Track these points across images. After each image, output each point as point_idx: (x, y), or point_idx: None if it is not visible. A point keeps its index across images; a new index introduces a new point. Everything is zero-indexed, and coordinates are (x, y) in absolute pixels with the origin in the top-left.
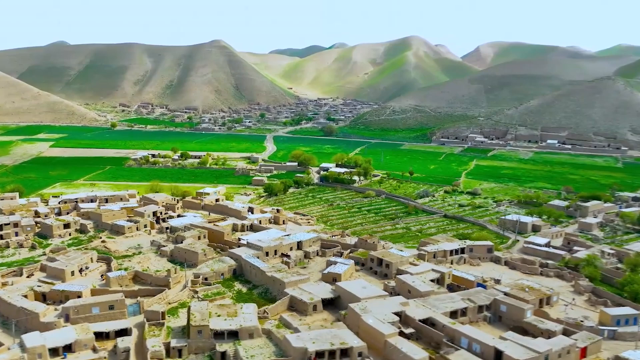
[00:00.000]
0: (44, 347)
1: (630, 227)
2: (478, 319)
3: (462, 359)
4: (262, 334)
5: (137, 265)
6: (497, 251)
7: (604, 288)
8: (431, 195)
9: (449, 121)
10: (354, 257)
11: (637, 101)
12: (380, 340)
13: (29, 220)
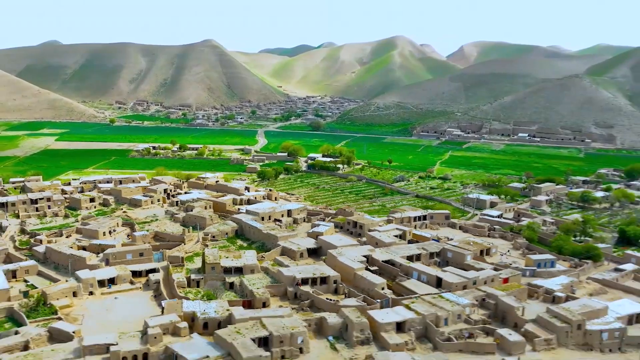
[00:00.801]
0: (94, 279)
1: (574, 204)
2: (430, 263)
3: (412, 284)
4: (260, 270)
5: (156, 228)
6: (454, 219)
7: (540, 246)
8: (406, 180)
9: (430, 117)
10: (334, 222)
11: (601, 97)
12: (350, 273)
13: (59, 195)
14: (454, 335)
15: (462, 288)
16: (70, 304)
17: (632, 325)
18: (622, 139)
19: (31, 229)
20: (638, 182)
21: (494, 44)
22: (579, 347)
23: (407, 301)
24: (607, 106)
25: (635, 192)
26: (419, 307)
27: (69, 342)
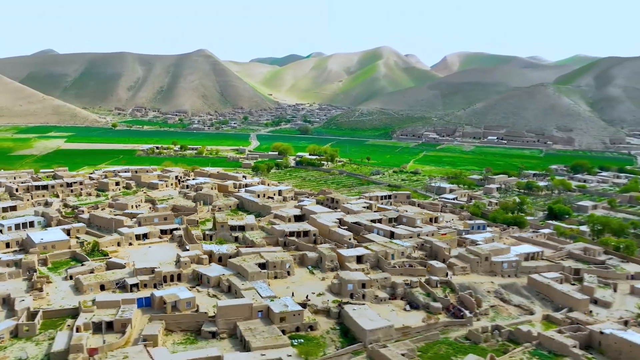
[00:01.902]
0: (132, 234)
1: (520, 191)
2: (391, 224)
3: (372, 236)
4: (258, 228)
5: (173, 203)
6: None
7: (480, 218)
8: (382, 174)
9: (409, 122)
10: (315, 199)
11: (563, 104)
12: (326, 229)
13: (88, 181)
14: (397, 265)
15: (409, 238)
16: (117, 250)
17: (527, 261)
18: (580, 141)
19: (72, 204)
20: (580, 175)
21: (476, 54)
22: (487, 273)
23: (366, 244)
24: (568, 112)
25: (573, 182)
26: (374, 247)
27: (123, 268)
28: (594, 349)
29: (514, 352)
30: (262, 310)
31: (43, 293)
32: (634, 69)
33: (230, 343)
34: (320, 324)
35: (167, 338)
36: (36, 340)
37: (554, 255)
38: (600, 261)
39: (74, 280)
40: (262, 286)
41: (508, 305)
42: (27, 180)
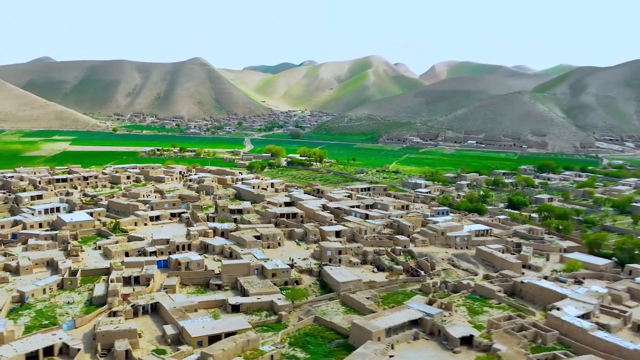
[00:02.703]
0: (147, 216)
1: (489, 187)
2: (367, 209)
3: (350, 218)
4: (253, 212)
5: (178, 192)
6: (390, 190)
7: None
8: (365, 172)
9: (395, 127)
10: (303, 190)
11: (538, 111)
12: (312, 212)
13: (101, 175)
14: (369, 238)
15: (380, 219)
16: (134, 228)
17: (477, 237)
18: (552, 145)
19: (90, 194)
20: (545, 174)
21: (463, 63)
22: (443, 245)
23: (344, 223)
24: (542, 118)
25: (537, 180)
26: (350, 225)
27: (142, 240)
28: (516, 294)
29: (453, 297)
30: (257, 268)
31: (79, 258)
32: (606, 78)
33: (232, 293)
34: (304, 280)
35: (181, 289)
36: (78, 291)
37: (502, 233)
38: (540, 238)
39: (103, 249)
40: (258, 252)
41: (457, 269)
42: (46, 175)
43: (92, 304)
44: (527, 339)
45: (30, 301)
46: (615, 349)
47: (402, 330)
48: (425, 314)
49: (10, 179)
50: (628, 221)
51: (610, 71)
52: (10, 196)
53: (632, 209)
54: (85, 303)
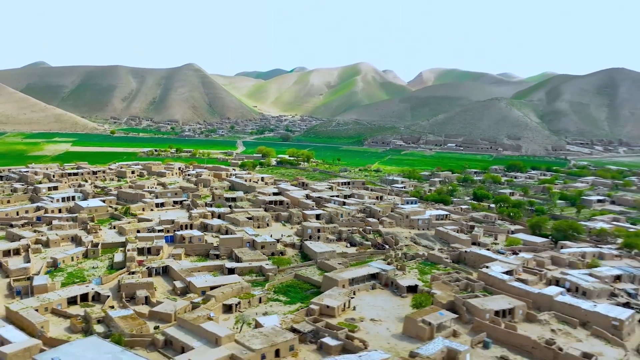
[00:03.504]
0: (153, 203)
1: (458, 183)
2: (344, 199)
3: (330, 205)
4: (246, 200)
5: (179, 185)
6: (368, 184)
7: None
8: (349, 171)
9: (380, 131)
10: (290, 183)
11: (513, 116)
12: (296, 200)
13: (108, 170)
14: (344, 220)
15: (355, 205)
16: (142, 212)
17: (437, 220)
18: (526, 147)
19: (101, 185)
20: (512, 173)
21: (450, 70)
22: (407, 227)
23: (323, 208)
24: (517, 123)
25: (504, 178)
26: (329, 209)
27: (150, 221)
28: (461, 261)
29: (409, 262)
30: (249, 242)
31: (98, 234)
32: (580, 86)
33: (228, 261)
34: (288, 252)
35: (186, 258)
36: (100, 259)
37: (460, 218)
38: (492, 222)
39: (118, 228)
40: (249, 229)
41: (418, 245)
42: (57, 170)
43: (112, 268)
44: (459, 287)
45: (62, 266)
46: (524, 293)
47: (362, 281)
48: (381, 270)
49: (26, 173)
50: (574, 211)
51: (585, 79)
52: (29, 187)
53: (582, 202)
54: (107, 268)
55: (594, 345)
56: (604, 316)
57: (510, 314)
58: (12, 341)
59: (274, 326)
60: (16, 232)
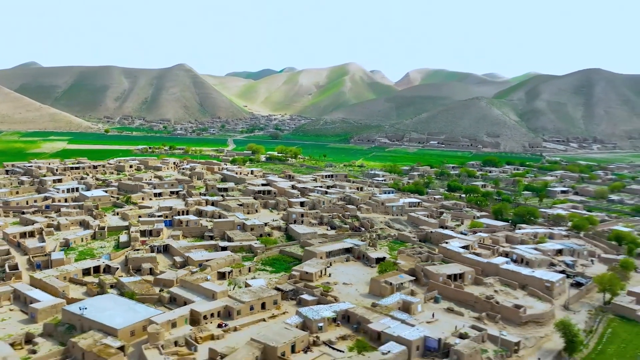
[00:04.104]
0: (152, 193)
1: (436, 177)
2: (327, 189)
3: (313, 194)
4: (237, 190)
5: (174, 177)
6: (350, 177)
7: (395, 189)
8: (334, 166)
9: (366, 129)
10: (278, 176)
11: (493, 115)
12: (283, 190)
13: (107, 164)
14: (325, 207)
15: (337, 194)
16: (142, 201)
17: (410, 207)
18: (504, 145)
19: (102, 178)
20: (487, 168)
21: (436, 71)
22: (382, 213)
23: (307, 196)
24: (497, 121)
25: (479, 172)
26: (312, 197)
27: (150, 208)
28: (427, 240)
29: (381, 241)
30: (240, 225)
31: (104, 219)
32: (558, 86)
33: (221, 241)
34: (275, 234)
35: (183, 239)
36: (107, 240)
37: (431, 205)
38: (459, 209)
39: (121, 214)
40: (240, 214)
41: (391, 228)
42: (59, 165)
43: (119, 247)
44: (421, 259)
45: (73, 246)
46: (475, 262)
47: (338, 254)
48: (355, 245)
49: (31, 167)
50: (537, 200)
51: (563, 79)
52: (35, 180)
53: (548, 192)
54: (113, 247)
55: (528, 301)
56: (538, 279)
57: (460, 278)
58: (41, 300)
59: (261, 286)
60: (29, 217)
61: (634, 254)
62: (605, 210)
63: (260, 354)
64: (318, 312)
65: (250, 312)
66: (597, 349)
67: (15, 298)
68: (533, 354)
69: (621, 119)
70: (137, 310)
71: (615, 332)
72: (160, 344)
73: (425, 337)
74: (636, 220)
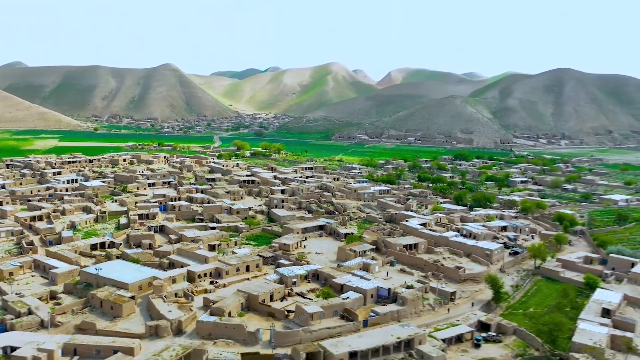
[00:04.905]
0: (146, 183)
1: (409, 169)
2: (306, 179)
3: (293, 183)
4: (224, 180)
5: (165, 170)
6: (328, 169)
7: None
8: (314, 160)
9: (347, 127)
10: (262, 168)
11: (467, 112)
12: (266, 180)
13: (102, 158)
14: (304, 194)
15: (314, 183)
16: (138, 190)
17: (380, 194)
18: (477, 141)
19: (98, 171)
20: (457, 161)
21: (417, 70)
22: (355, 199)
23: (287, 185)
24: (470, 118)
25: (449, 165)
26: (292, 186)
27: (146, 196)
28: (392, 221)
29: (351, 222)
30: (227, 209)
31: (104, 205)
32: (531, 85)
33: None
34: (258, 217)
35: (177, 222)
36: (108, 223)
37: (399, 192)
38: (425, 196)
39: (119, 201)
40: (226, 200)
41: (362, 212)
42: (56, 160)
43: (119, 229)
44: (384, 234)
45: (79, 227)
46: (428, 236)
47: (313, 231)
48: (327, 223)
49: (30, 162)
50: (497, 189)
51: (535, 78)
52: (36, 172)
53: (509, 182)
54: (114, 228)
55: (470, 265)
56: (480, 248)
57: (415, 248)
58: (58, 267)
59: (245, 253)
60: (36, 204)
61: (569, 231)
62: (558, 197)
63: (245, 301)
64: (292, 271)
65: (237, 273)
66: (522, 300)
67: (35, 267)
68: (468, 302)
69: (589, 117)
70: (143, 271)
71: (540, 289)
72: (163, 295)
73: (378, 288)
74: (582, 205)
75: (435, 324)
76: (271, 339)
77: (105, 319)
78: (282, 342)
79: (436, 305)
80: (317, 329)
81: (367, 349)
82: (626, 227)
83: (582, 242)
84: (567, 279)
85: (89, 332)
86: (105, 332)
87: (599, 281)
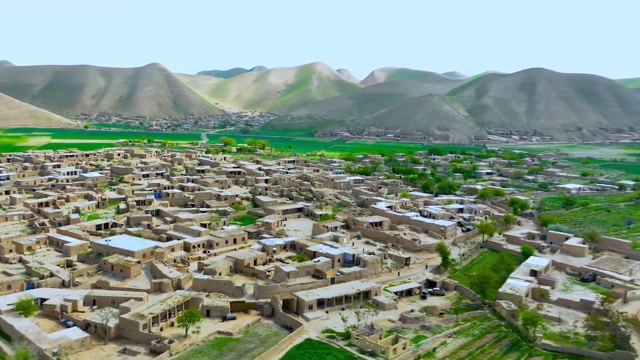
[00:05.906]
0: (141, 173)
1: (385, 163)
2: (288, 170)
3: (276, 174)
4: (212, 171)
5: (158, 163)
6: (309, 163)
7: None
8: (297, 155)
9: (330, 124)
10: (247, 161)
11: (444, 110)
12: (251, 171)
13: (98, 153)
14: (287, 183)
15: (296, 174)
16: (133, 180)
17: (355, 183)
18: (453, 137)
19: (95, 163)
20: (431, 156)
21: (400, 70)
22: (332, 187)
23: (271, 175)
24: (447, 116)
25: (424, 159)
26: (275, 176)
27: (141, 185)
28: (364, 206)
29: (327, 207)
30: (216, 196)
31: (104, 193)
32: (505, 83)
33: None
34: (244, 203)
35: (171, 207)
36: (108, 208)
37: (372, 182)
38: (396, 185)
39: (117, 190)
40: (215, 188)
41: (337, 199)
42: (53, 155)
43: (119, 213)
44: (354, 215)
45: (82, 212)
46: (392, 215)
47: (292, 212)
48: (305, 206)
49: (29, 156)
50: (463, 179)
51: (509, 77)
52: (37, 165)
53: (475, 174)
54: (115, 212)
55: (426, 239)
56: (436, 225)
57: (380, 225)
58: (70, 241)
59: (233, 229)
60: (41, 192)
61: (519, 213)
62: (518, 187)
63: (232, 264)
64: (273, 241)
65: (226, 245)
66: (467, 266)
67: (50, 243)
68: (421, 267)
69: (560, 114)
70: (146, 243)
71: (484, 258)
72: (164, 260)
73: (344, 254)
74: (537, 193)
75: (391, 282)
76: (255, 292)
77: (116, 279)
78: (263, 295)
79: (393, 268)
80: (293, 284)
81: (332, 297)
82: (572, 211)
83: (530, 223)
84: (509, 250)
85: (104, 289)
86: (117, 288)
87: (534, 251)
